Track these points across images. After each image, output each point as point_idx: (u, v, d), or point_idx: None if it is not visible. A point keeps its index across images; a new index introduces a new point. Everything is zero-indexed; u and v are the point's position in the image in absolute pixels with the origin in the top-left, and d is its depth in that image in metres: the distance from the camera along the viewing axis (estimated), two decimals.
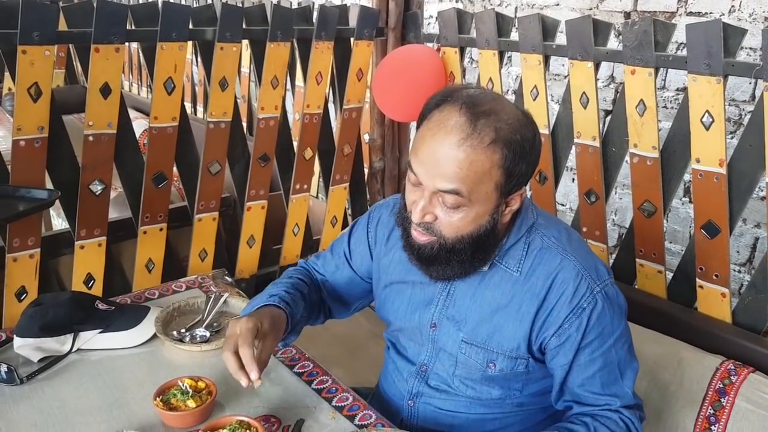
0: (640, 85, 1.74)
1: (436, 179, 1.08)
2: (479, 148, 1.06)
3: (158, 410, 1.19)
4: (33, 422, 1.22)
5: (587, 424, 1.19)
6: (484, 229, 1.14)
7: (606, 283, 1.19)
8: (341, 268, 1.46)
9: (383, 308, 1.39)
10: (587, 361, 1.19)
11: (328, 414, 1.26)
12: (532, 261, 1.20)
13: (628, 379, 1.22)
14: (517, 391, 1.27)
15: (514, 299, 1.20)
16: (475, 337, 1.23)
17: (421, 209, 1.12)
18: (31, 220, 1.79)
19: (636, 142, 1.78)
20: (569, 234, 1.25)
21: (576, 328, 1.17)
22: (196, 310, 1.60)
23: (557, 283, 1.17)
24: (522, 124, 1.10)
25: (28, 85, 1.69)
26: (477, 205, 1.10)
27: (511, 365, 1.23)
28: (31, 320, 1.41)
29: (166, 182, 2.01)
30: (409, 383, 1.35)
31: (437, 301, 1.28)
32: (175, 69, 1.93)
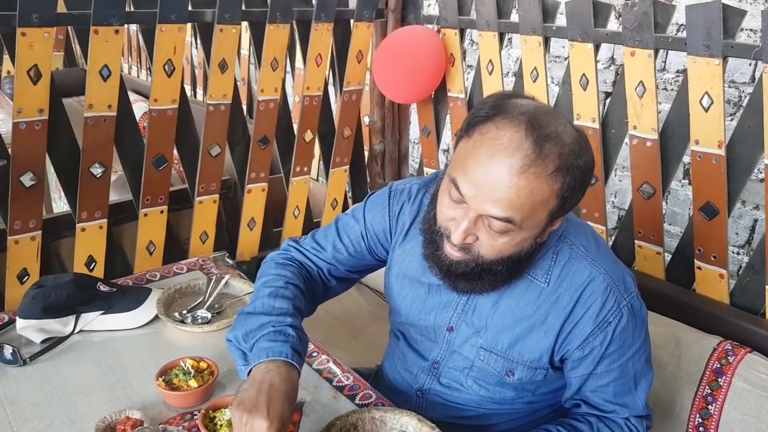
0: (640, 66, 1.73)
1: (487, 204, 1.00)
2: (542, 176, 0.97)
3: (160, 390, 1.21)
4: (36, 402, 1.24)
5: (591, 424, 1.20)
6: (525, 252, 1.08)
7: (632, 296, 1.16)
8: (356, 254, 1.36)
9: (393, 297, 1.34)
10: (604, 371, 1.18)
11: (328, 394, 1.28)
12: (560, 271, 1.16)
13: (642, 390, 1.21)
14: (530, 393, 1.27)
15: (540, 310, 1.17)
16: (495, 345, 1.21)
17: (464, 231, 1.04)
18: (33, 202, 1.80)
19: (635, 123, 1.78)
20: (597, 242, 1.21)
21: (600, 342, 1.15)
22: (198, 292, 1.61)
23: (585, 297, 1.14)
24: (582, 148, 1.02)
25: (27, 68, 1.68)
26: (525, 232, 1.04)
27: (530, 375, 1.21)
28: (34, 302, 1.42)
29: (166, 165, 2.01)
30: (420, 379, 1.32)
31: (455, 305, 1.24)
32: (174, 51, 1.92)
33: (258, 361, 1.08)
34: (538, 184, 0.98)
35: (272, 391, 1.02)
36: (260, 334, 1.12)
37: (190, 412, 1.21)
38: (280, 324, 1.14)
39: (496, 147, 0.98)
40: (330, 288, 1.39)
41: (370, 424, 1.17)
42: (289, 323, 1.15)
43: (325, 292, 1.39)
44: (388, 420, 1.17)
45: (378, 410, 1.18)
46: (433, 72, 2.24)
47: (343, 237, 1.36)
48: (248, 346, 1.12)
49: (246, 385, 1.05)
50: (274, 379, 1.04)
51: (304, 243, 1.40)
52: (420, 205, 1.29)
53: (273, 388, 1.03)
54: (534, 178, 0.97)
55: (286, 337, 1.12)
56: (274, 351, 1.09)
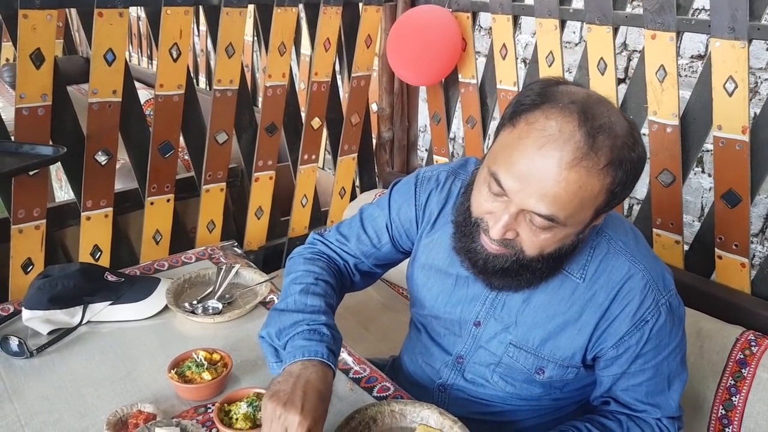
0: (661, 50, 1.69)
1: (532, 199, 0.93)
2: (594, 170, 0.91)
3: (173, 383, 1.17)
4: (44, 395, 1.20)
5: (621, 422, 1.16)
6: (566, 249, 1.03)
7: (671, 294, 1.12)
8: (381, 247, 1.31)
9: (416, 289, 1.28)
10: (637, 371, 1.13)
11: (345, 386, 1.24)
12: (597, 267, 1.10)
13: (675, 391, 1.16)
14: (558, 390, 1.22)
15: (574, 306, 1.11)
16: (525, 342, 1.16)
17: (503, 226, 0.97)
18: (37, 191, 1.76)
19: (655, 109, 1.73)
20: (636, 237, 1.15)
21: (636, 341, 1.10)
22: (207, 282, 1.57)
23: (623, 294, 1.09)
24: (636, 140, 0.96)
25: (30, 51, 1.64)
26: (569, 228, 0.99)
27: (561, 373, 1.16)
28: (40, 292, 1.38)
29: (172, 152, 1.97)
30: (443, 373, 1.27)
31: (484, 300, 1.18)
32: (180, 35, 1.87)
33: (293, 360, 1.04)
34: (589, 178, 0.92)
35: (308, 387, 0.99)
36: (294, 332, 1.08)
37: (204, 406, 1.17)
38: (314, 322, 1.10)
39: (545, 138, 0.92)
40: (354, 283, 1.35)
41: (389, 417, 1.13)
42: (323, 321, 1.11)
43: (351, 286, 1.36)
44: (408, 413, 1.13)
45: (398, 403, 1.14)
46: (449, 52, 2.17)
47: (367, 228, 1.32)
48: (281, 344, 1.09)
49: (281, 378, 1.01)
50: (310, 376, 1.01)
51: (329, 236, 1.36)
52: (448, 193, 1.23)
53: (309, 385, 0.99)
54: (585, 173, 0.91)
55: (321, 337, 1.08)
56: (309, 350, 1.05)
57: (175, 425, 1.07)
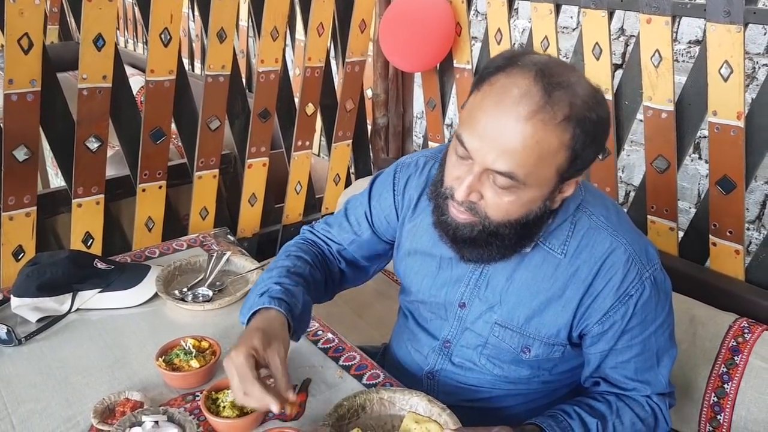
0: (656, 34, 1.67)
1: (491, 156, 0.95)
2: (550, 124, 0.92)
3: (161, 371, 1.17)
4: (32, 383, 1.19)
5: (610, 403, 1.15)
6: (534, 215, 1.02)
7: (655, 268, 1.11)
8: (361, 234, 1.33)
9: (402, 275, 1.29)
10: (625, 347, 1.13)
11: (335, 373, 1.24)
12: (579, 242, 1.10)
13: (665, 366, 1.16)
14: (546, 371, 1.22)
15: (557, 283, 1.11)
16: (510, 321, 1.16)
17: (467, 186, 0.99)
18: (26, 177, 1.74)
19: (650, 94, 1.71)
20: (618, 212, 1.15)
21: (621, 316, 1.10)
22: (198, 269, 1.56)
23: (605, 269, 1.09)
24: (597, 102, 0.97)
25: (18, 36, 1.61)
26: (532, 190, 0.98)
27: (547, 351, 1.16)
28: (29, 279, 1.37)
29: (164, 138, 1.96)
30: (430, 359, 1.27)
31: (468, 280, 1.19)
32: (171, 19, 1.85)
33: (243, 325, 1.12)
34: (546, 133, 0.93)
35: (245, 333, 1.06)
36: (248, 303, 1.14)
37: (192, 393, 1.16)
38: (265, 286, 1.15)
39: (503, 95, 0.94)
40: (342, 271, 1.36)
41: (378, 404, 1.13)
42: (274, 281, 1.16)
43: (341, 276, 1.37)
44: (397, 401, 1.13)
45: (386, 391, 1.14)
46: (442, 37, 2.15)
47: (349, 216, 1.34)
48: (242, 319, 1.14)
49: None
50: (250, 326, 1.08)
51: (317, 226, 1.40)
52: (428, 177, 1.24)
53: (246, 331, 1.07)
54: (541, 126, 0.93)
55: (264, 292, 1.13)
56: (251, 307, 1.12)
57: (162, 413, 1.06)
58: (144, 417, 1.05)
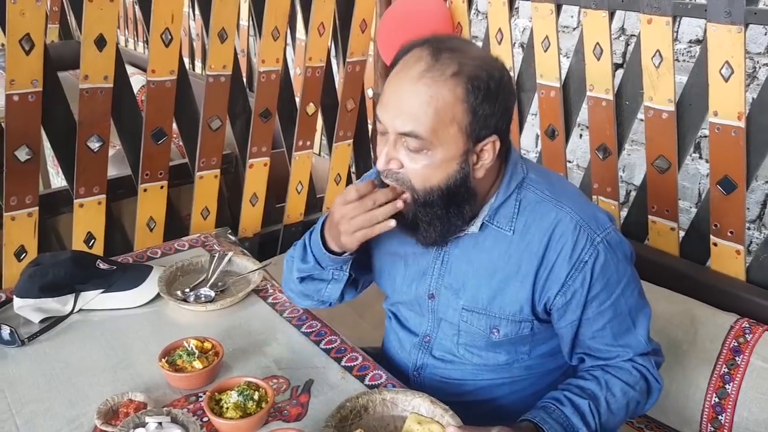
0: (657, 34, 1.67)
1: (396, 121, 1.04)
2: (440, 80, 1.01)
3: (164, 372, 1.17)
4: (36, 384, 1.20)
5: (598, 378, 1.16)
6: (454, 180, 1.07)
7: (607, 231, 1.12)
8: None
9: (380, 279, 1.34)
10: (596, 314, 1.14)
11: (337, 374, 1.24)
12: (526, 218, 1.13)
13: (641, 326, 1.17)
14: (525, 355, 1.23)
15: (512, 260, 1.14)
16: (475, 304, 1.18)
17: (385, 155, 1.06)
18: (28, 178, 1.74)
19: (651, 95, 1.71)
20: (563, 185, 1.19)
21: (580, 283, 1.11)
22: (200, 270, 1.56)
23: (555, 239, 1.11)
24: (488, 63, 1.05)
25: (19, 37, 1.61)
26: (441, 150, 1.04)
27: (515, 329, 1.18)
28: (31, 280, 1.37)
29: (165, 138, 1.96)
30: (413, 355, 1.30)
31: (432, 271, 1.22)
32: (172, 19, 1.85)
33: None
34: (437, 88, 1.01)
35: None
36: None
37: (195, 394, 1.17)
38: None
39: (401, 68, 1.05)
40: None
41: (381, 405, 1.13)
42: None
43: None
44: (400, 402, 1.13)
45: (389, 392, 1.14)
46: None
47: None
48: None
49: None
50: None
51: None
52: None
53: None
54: (432, 82, 1.01)
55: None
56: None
57: (165, 414, 1.06)
58: (147, 418, 1.05)
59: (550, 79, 1.95)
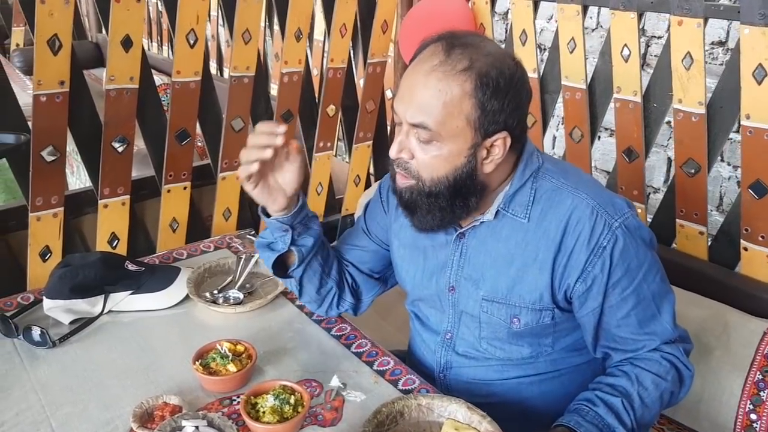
0: (687, 36, 1.65)
1: (408, 112, 1.06)
2: (450, 74, 1.03)
3: (198, 375, 1.16)
4: (69, 386, 1.19)
5: (627, 373, 1.14)
6: (461, 173, 1.08)
7: (625, 216, 1.11)
8: (365, 247, 1.40)
9: (399, 276, 1.35)
10: (619, 301, 1.13)
11: (369, 378, 1.23)
12: (542, 206, 1.13)
13: (666, 312, 1.16)
14: (548, 347, 1.22)
15: (529, 247, 1.14)
16: (495, 293, 1.18)
17: (398, 143, 1.09)
18: (54, 178, 1.74)
19: (681, 97, 1.70)
20: (579, 174, 1.19)
21: (600, 269, 1.11)
22: (227, 271, 1.56)
23: (572, 225, 1.11)
24: (500, 59, 1.06)
25: (47, 37, 1.61)
26: (449, 141, 1.06)
27: (536, 318, 1.17)
28: (61, 281, 1.37)
29: (189, 139, 1.95)
30: (437, 354, 1.30)
31: (451, 263, 1.22)
32: (197, 20, 1.84)
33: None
34: (447, 82, 1.03)
35: None
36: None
37: (229, 398, 1.16)
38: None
39: (416, 62, 1.09)
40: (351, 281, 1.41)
41: (416, 411, 1.12)
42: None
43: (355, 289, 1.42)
44: (436, 407, 1.12)
45: (425, 397, 1.13)
46: None
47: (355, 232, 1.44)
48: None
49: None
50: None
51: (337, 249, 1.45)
52: None
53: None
54: (442, 76, 1.04)
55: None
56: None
57: (201, 418, 1.05)
58: (184, 422, 1.04)
59: (575, 81, 1.94)
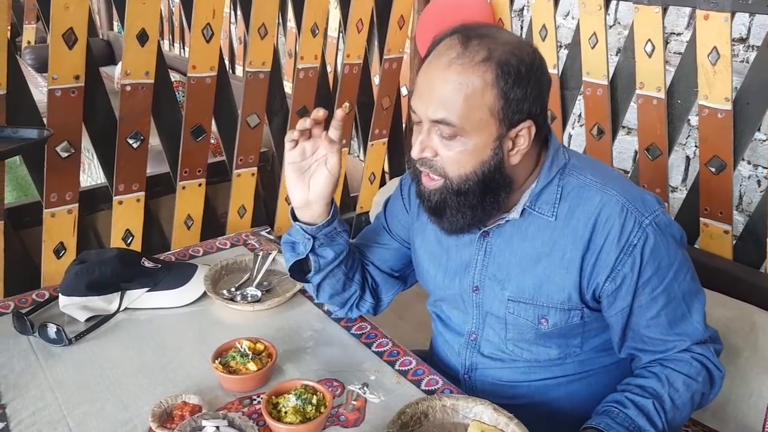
0: (714, 31, 1.62)
1: (429, 109, 1.03)
2: (469, 66, 1.00)
3: (218, 374, 1.14)
4: (86, 384, 1.17)
5: (657, 375, 1.12)
6: (489, 167, 1.05)
7: (655, 214, 1.08)
8: (386, 245, 1.37)
9: (421, 276, 1.32)
10: (649, 301, 1.10)
11: (391, 378, 1.20)
12: (569, 203, 1.10)
13: (697, 312, 1.13)
14: (577, 348, 1.19)
15: (556, 246, 1.11)
16: (521, 294, 1.15)
17: (420, 143, 1.06)
18: (69, 174, 1.72)
19: (706, 93, 1.66)
20: (606, 170, 1.15)
21: (630, 268, 1.08)
22: (244, 269, 1.54)
23: (601, 222, 1.08)
24: (518, 47, 1.03)
25: (63, 31, 1.59)
26: (474, 135, 1.03)
27: (564, 318, 1.14)
28: (77, 278, 1.35)
29: (204, 136, 1.93)
30: (462, 356, 1.27)
31: (475, 263, 1.19)
32: (213, 15, 1.82)
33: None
34: (466, 75, 1.00)
35: None
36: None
37: (249, 397, 1.13)
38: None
39: (432, 57, 1.06)
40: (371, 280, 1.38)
41: (441, 412, 1.09)
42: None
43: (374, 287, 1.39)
44: (461, 408, 1.09)
45: (449, 398, 1.10)
46: None
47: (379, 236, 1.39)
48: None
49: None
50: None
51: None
52: None
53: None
54: (461, 69, 1.01)
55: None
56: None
57: (222, 418, 1.03)
58: (204, 422, 1.02)
59: (597, 77, 1.90)
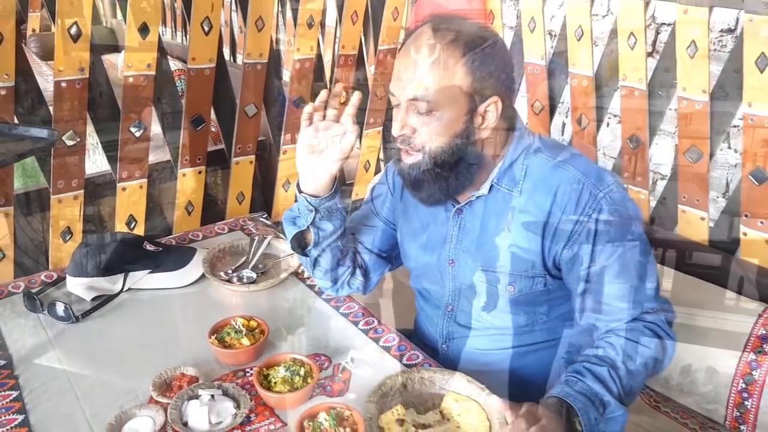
0: (693, 25, 1.68)
1: (406, 89, 1.13)
2: (439, 46, 1.11)
3: (213, 348, 1.22)
4: (92, 358, 1.26)
5: (613, 344, 1.17)
6: (461, 138, 1.15)
7: (610, 188, 1.17)
8: (374, 227, 1.44)
9: (404, 253, 1.42)
10: (603, 268, 1.17)
11: (375, 353, 1.29)
12: (533, 180, 1.20)
13: (650, 281, 1.19)
14: (543, 315, 1.27)
15: (520, 218, 1.21)
16: (491, 264, 1.25)
17: (399, 121, 1.15)
18: (75, 162, 1.81)
19: (685, 85, 1.73)
20: (570, 151, 1.24)
21: (586, 236, 1.16)
22: (241, 252, 1.62)
23: (559, 196, 1.17)
24: (482, 31, 1.15)
25: (68, 25, 1.67)
26: (447, 109, 1.13)
27: (529, 285, 1.23)
28: (84, 260, 1.44)
29: (204, 125, 2.01)
30: (440, 326, 1.37)
31: (452, 237, 1.29)
32: (212, 8, 1.89)
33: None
34: (437, 54, 1.11)
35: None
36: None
37: (242, 370, 1.22)
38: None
39: (406, 45, 1.16)
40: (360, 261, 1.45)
41: (419, 383, 1.18)
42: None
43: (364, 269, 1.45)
44: (437, 380, 1.18)
45: (426, 371, 1.19)
46: None
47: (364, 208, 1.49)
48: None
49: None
50: None
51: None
52: None
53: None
54: (432, 50, 1.12)
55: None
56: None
57: (217, 387, 1.12)
58: (200, 391, 1.11)
59: (582, 68, 1.97)
